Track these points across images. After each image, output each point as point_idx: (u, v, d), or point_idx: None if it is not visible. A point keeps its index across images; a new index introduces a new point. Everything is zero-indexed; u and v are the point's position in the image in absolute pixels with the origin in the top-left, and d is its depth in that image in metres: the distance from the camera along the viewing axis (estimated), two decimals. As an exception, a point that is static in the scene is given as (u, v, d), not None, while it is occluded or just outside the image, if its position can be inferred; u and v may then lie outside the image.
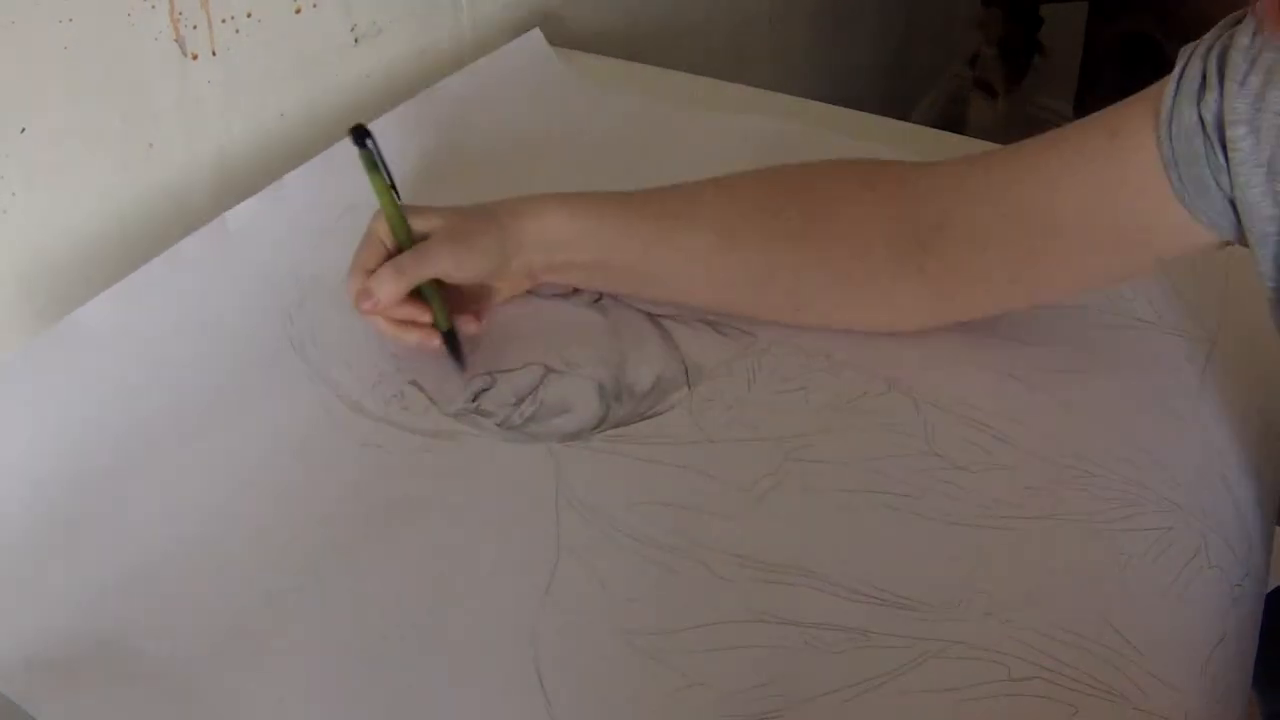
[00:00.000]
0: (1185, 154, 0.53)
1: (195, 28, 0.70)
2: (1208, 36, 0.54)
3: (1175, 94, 0.54)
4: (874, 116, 0.92)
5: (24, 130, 0.63)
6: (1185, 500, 0.58)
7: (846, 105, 0.94)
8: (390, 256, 0.65)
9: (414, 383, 0.65)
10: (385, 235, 0.65)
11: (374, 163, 0.67)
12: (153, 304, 0.66)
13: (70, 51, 0.64)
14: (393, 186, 0.67)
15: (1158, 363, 0.67)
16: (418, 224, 0.66)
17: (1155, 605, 0.54)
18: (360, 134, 0.67)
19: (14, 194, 0.63)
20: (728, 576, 0.55)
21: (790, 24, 1.59)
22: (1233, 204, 0.53)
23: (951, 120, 2.21)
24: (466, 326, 0.66)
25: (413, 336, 0.65)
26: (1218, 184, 0.53)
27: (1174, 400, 0.64)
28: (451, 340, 0.65)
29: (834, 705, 0.50)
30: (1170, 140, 0.54)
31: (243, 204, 0.72)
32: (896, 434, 0.62)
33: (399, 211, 0.65)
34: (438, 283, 0.65)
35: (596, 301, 0.71)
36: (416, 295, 0.65)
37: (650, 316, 0.70)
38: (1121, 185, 0.56)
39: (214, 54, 0.72)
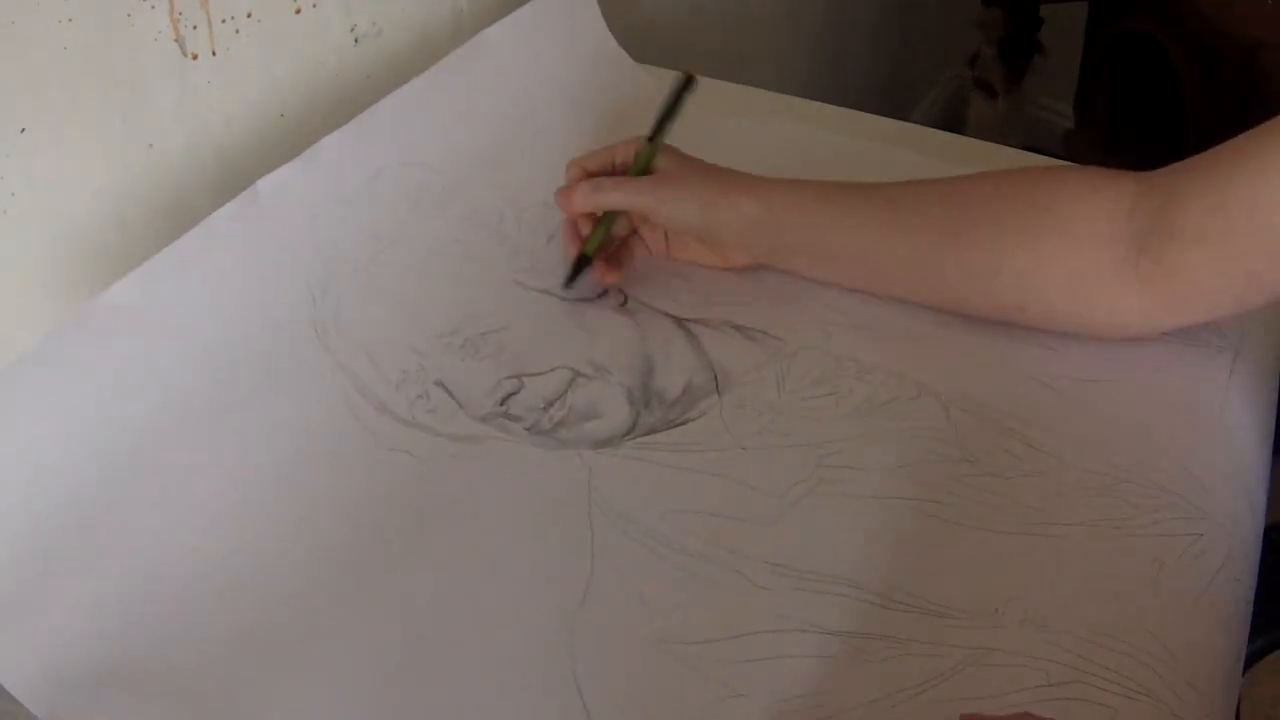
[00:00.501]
0: None
1: (195, 28, 0.70)
2: None
3: None
4: (874, 116, 0.92)
5: (24, 130, 0.62)
6: (1214, 509, 0.59)
7: (846, 105, 0.94)
8: (611, 168, 0.72)
9: (439, 383, 0.65)
10: (621, 151, 0.72)
11: (673, 109, 0.73)
12: (183, 281, 0.65)
13: (70, 51, 0.63)
14: (660, 129, 0.73)
15: (1184, 371, 0.67)
16: (658, 160, 0.71)
17: (1188, 611, 0.54)
18: (688, 81, 0.75)
19: (14, 194, 0.63)
20: (765, 585, 0.55)
21: (790, 24, 1.59)
22: None
23: (951, 120, 2.21)
24: (602, 273, 0.70)
25: (571, 239, 0.72)
26: None
27: (1201, 409, 0.65)
28: (580, 264, 0.70)
29: (875, 714, 0.50)
30: None
31: (277, 171, 0.70)
32: (928, 440, 0.62)
33: (653, 147, 0.71)
34: (629, 222, 0.72)
35: (623, 305, 0.71)
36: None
37: (677, 321, 0.70)
38: None
39: (214, 54, 0.72)
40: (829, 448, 0.62)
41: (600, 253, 0.71)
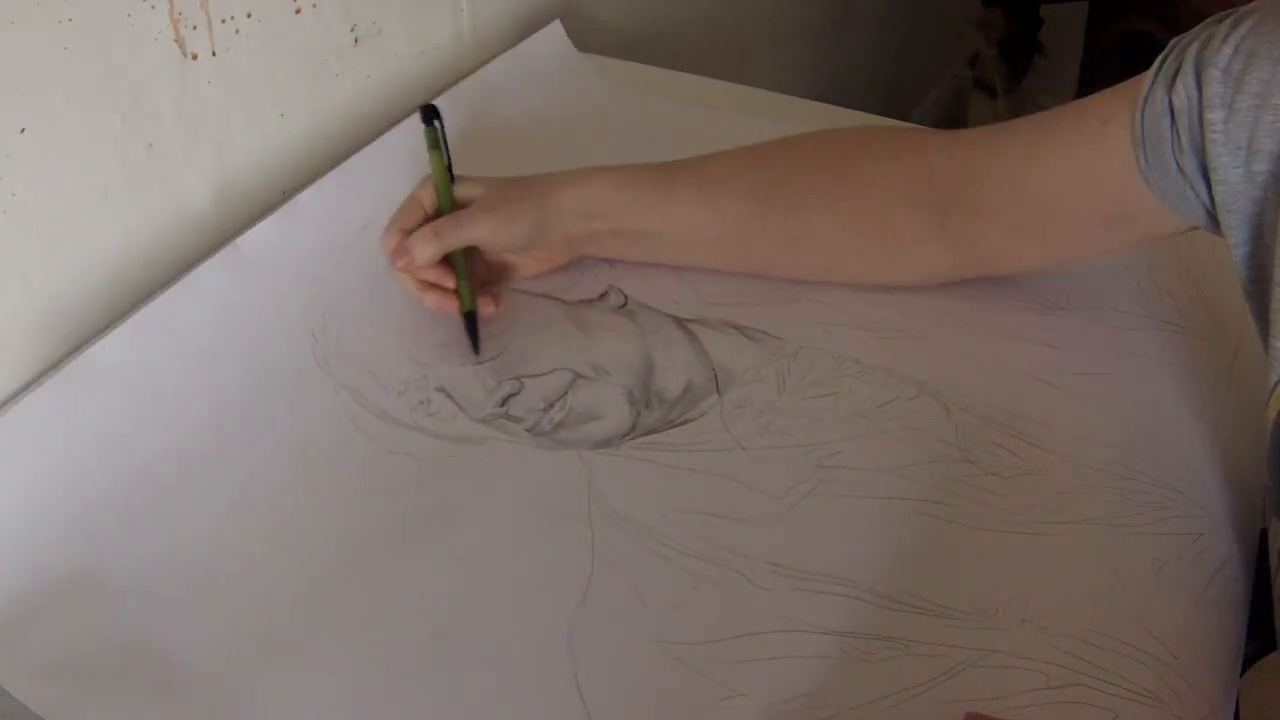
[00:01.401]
0: (1152, 133, 0.56)
1: (195, 28, 0.70)
2: (1195, 30, 0.56)
3: (1154, 79, 0.57)
4: (874, 117, 0.92)
5: (24, 130, 0.62)
6: (1215, 508, 0.59)
7: (846, 105, 0.94)
8: (427, 220, 0.69)
9: (441, 389, 0.65)
10: (427, 199, 0.69)
11: (436, 141, 0.70)
12: (169, 335, 0.66)
13: (70, 51, 0.63)
14: (448, 164, 0.70)
15: (1186, 367, 0.67)
16: (461, 191, 0.69)
17: (1189, 611, 0.54)
18: (430, 113, 0.71)
19: (14, 194, 0.63)
20: (765, 585, 0.55)
21: (791, 24, 1.59)
22: (1193, 195, 0.56)
23: (951, 120, 2.21)
24: (484, 308, 0.69)
25: (433, 298, 0.68)
26: (1179, 167, 0.56)
27: (1202, 405, 0.65)
28: (471, 322, 0.67)
29: (875, 714, 0.50)
30: (1143, 121, 0.56)
31: (255, 227, 0.72)
32: (928, 440, 0.62)
33: (447, 180, 0.69)
34: (470, 257, 0.69)
35: (623, 306, 0.71)
36: (447, 264, 0.68)
37: (678, 321, 0.70)
38: (1103, 172, 0.59)
39: (214, 54, 0.72)
40: (829, 448, 0.62)
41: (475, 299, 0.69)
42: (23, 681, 0.50)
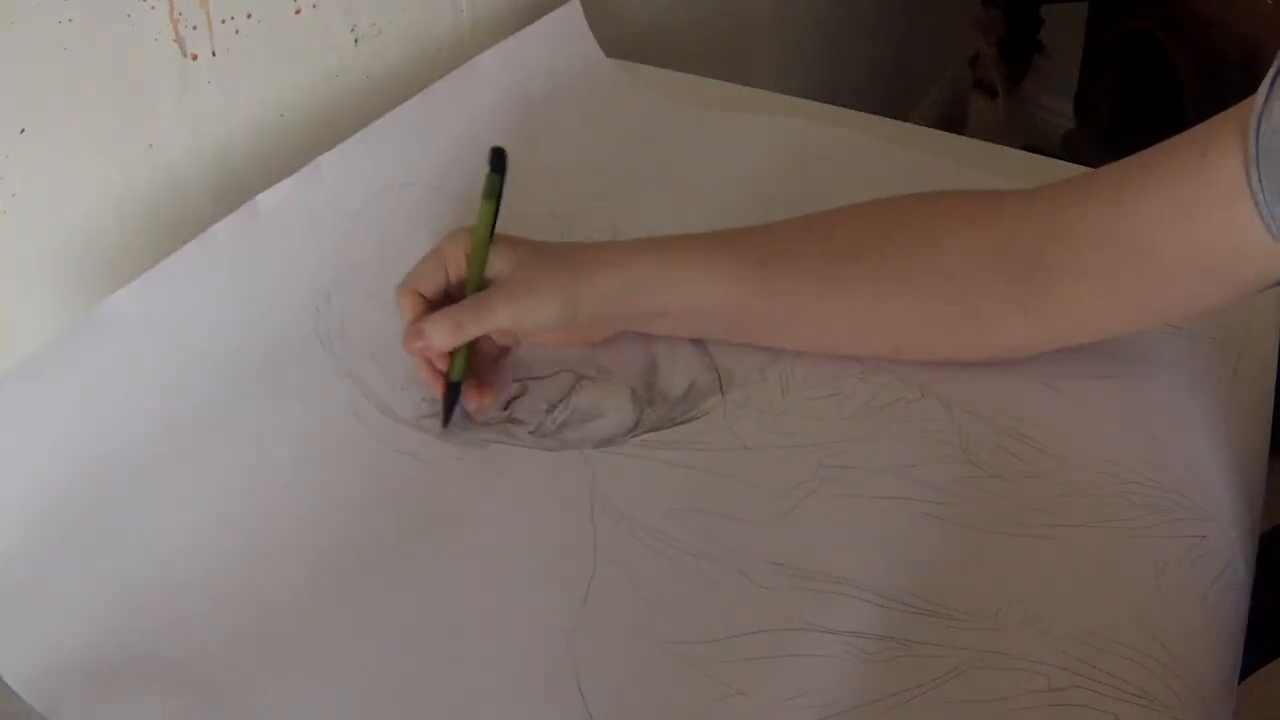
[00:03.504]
0: (1269, 151, 0.52)
1: (195, 28, 0.70)
2: None
3: (1270, 90, 0.52)
4: (874, 116, 0.92)
5: (24, 130, 0.62)
6: (1217, 511, 0.58)
7: (846, 105, 0.94)
8: (446, 283, 0.64)
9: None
10: (451, 263, 0.64)
11: (496, 191, 0.65)
12: (183, 292, 0.65)
13: (70, 51, 0.63)
14: (494, 222, 0.64)
15: (1189, 369, 0.67)
16: (497, 263, 0.63)
17: (1190, 614, 0.54)
18: (499, 158, 0.66)
19: (14, 194, 0.63)
20: (766, 585, 0.55)
21: (790, 24, 1.59)
22: None
23: (951, 120, 2.21)
24: (473, 398, 0.63)
25: (426, 373, 0.64)
26: None
27: (1206, 408, 0.64)
28: (452, 394, 0.63)
29: (876, 715, 0.50)
30: (1257, 138, 0.52)
31: (277, 185, 0.70)
32: (931, 441, 0.62)
33: (485, 251, 0.63)
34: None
35: None
36: None
37: None
38: (1213, 206, 0.54)
39: (214, 54, 0.72)
40: (832, 448, 0.62)
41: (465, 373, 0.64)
42: (25, 678, 0.50)
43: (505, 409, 0.64)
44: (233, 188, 0.77)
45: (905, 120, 0.94)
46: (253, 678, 0.51)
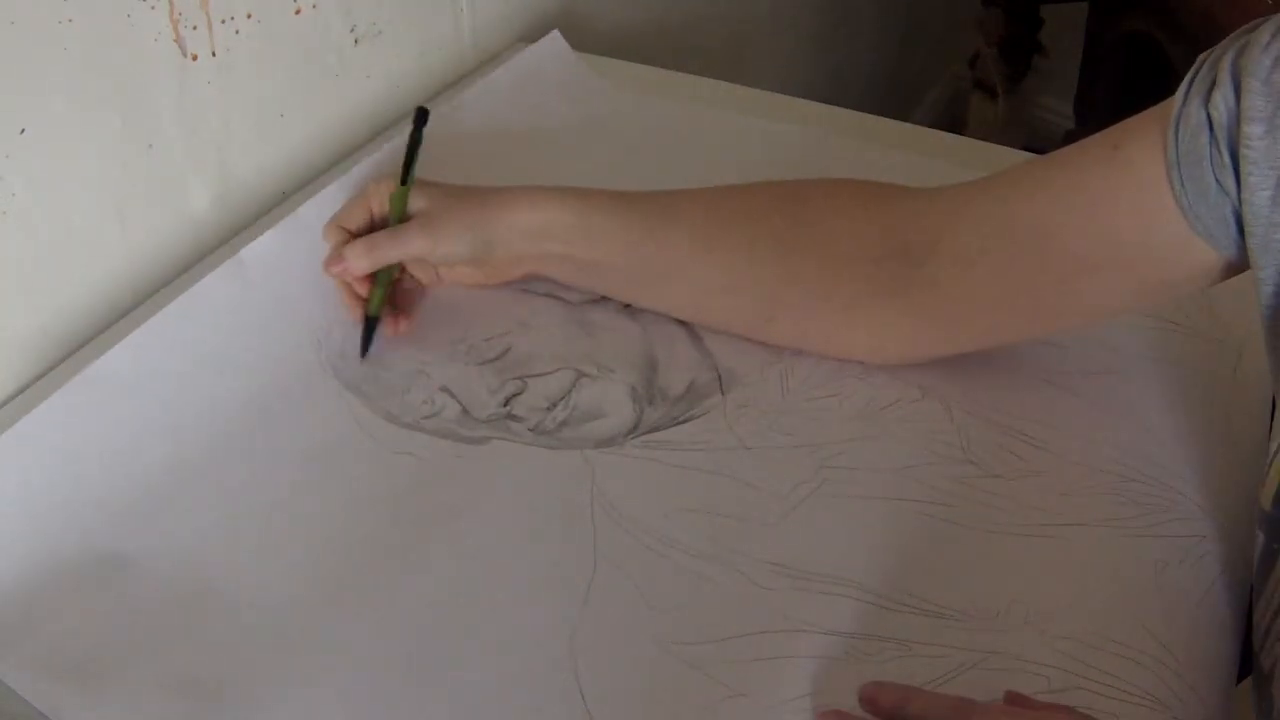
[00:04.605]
0: (1190, 152, 0.52)
1: (195, 28, 0.70)
2: (1224, 42, 0.52)
3: (1187, 93, 0.52)
4: (874, 116, 0.92)
5: (24, 130, 0.62)
6: (1217, 510, 0.58)
7: (846, 105, 0.94)
8: (370, 220, 0.68)
9: (445, 389, 0.65)
10: (375, 201, 0.68)
11: (414, 142, 0.71)
12: (174, 346, 0.66)
13: (70, 51, 0.63)
14: (408, 168, 0.70)
15: (1190, 368, 0.67)
16: (414, 200, 0.68)
17: (1190, 614, 0.54)
18: (421, 116, 0.72)
19: (14, 194, 0.63)
20: (767, 585, 0.55)
21: (790, 24, 1.59)
22: (1235, 215, 0.51)
23: (951, 120, 2.20)
24: (390, 325, 0.68)
25: (348, 299, 0.68)
26: (1219, 184, 0.51)
27: (1206, 407, 0.64)
28: (369, 327, 0.67)
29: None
30: (1177, 139, 0.52)
31: (259, 239, 0.71)
32: (931, 441, 0.62)
33: (405, 190, 0.68)
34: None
35: (626, 307, 0.71)
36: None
37: (681, 321, 0.70)
38: (1121, 195, 0.54)
39: (214, 55, 0.72)
40: (832, 448, 0.62)
41: (383, 306, 0.68)
42: (29, 680, 0.50)
43: (505, 406, 0.64)
44: (232, 189, 0.77)
45: (905, 120, 0.94)
46: (253, 678, 0.51)
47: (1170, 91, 0.54)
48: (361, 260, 0.66)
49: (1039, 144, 1.01)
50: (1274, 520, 0.50)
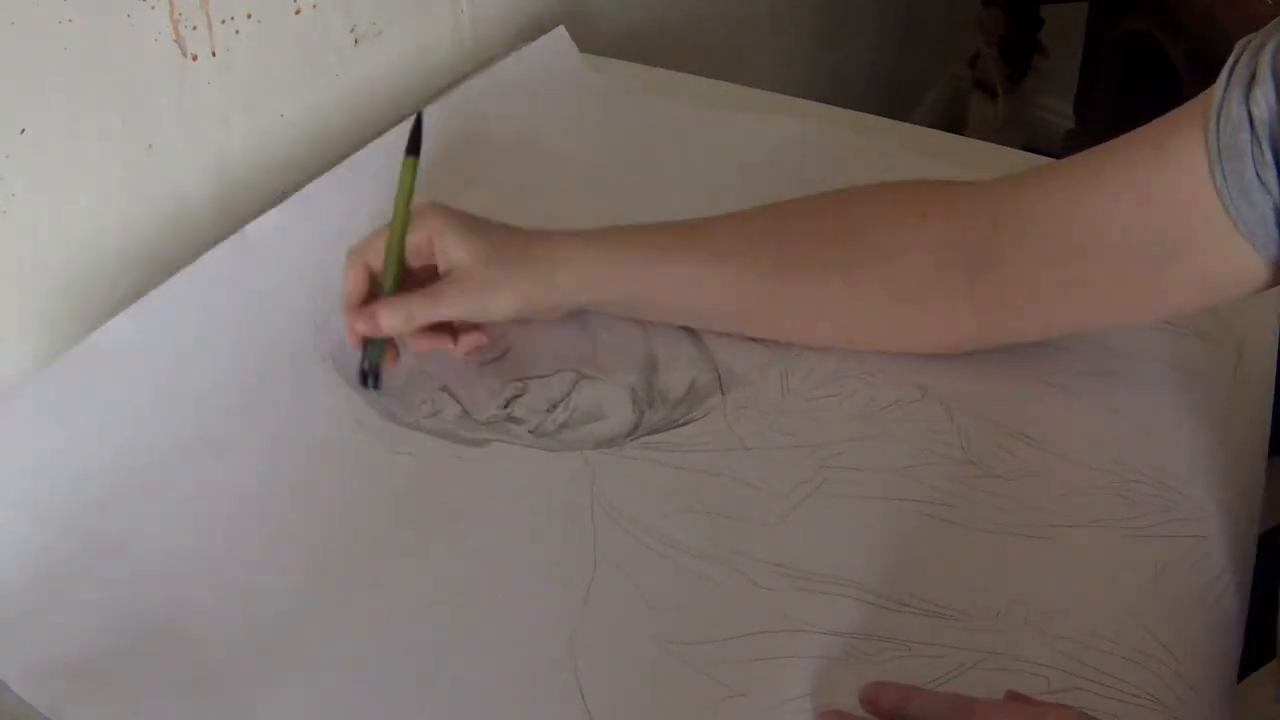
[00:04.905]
0: (1231, 148, 0.51)
1: (195, 28, 0.70)
2: (1266, 29, 0.52)
3: (1226, 85, 0.52)
4: (874, 116, 0.92)
5: (24, 130, 0.62)
6: (1217, 510, 0.58)
7: (846, 105, 0.94)
8: (374, 281, 0.64)
9: (445, 389, 0.65)
10: (375, 259, 0.64)
11: (410, 181, 0.65)
12: (175, 321, 0.66)
13: (70, 51, 0.63)
14: (405, 223, 0.64)
15: (1189, 368, 0.67)
16: (454, 253, 0.63)
17: (1190, 614, 0.54)
18: (416, 140, 0.67)
19: (14, 195, 0.63)
20: (767, 586, 0.55)
21: (790, 24, 1.59)
22: (1275, 212, 0.51)
23: (951, 120, 2.20)
24: (391, 358, 0.65)
25: (354, 339, 0.64)
26: (1261, 181, 0.51)
27: (1205, 407, 0.64)
28: (375, 377, 0.64)
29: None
30: (1218, 134, 0.52)
31: (265, 215, 0.71)
32: (931, 441, 0.62)
33: (401, 245, 0.63)
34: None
35: None
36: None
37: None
38: (1165, 193, 0.54)
39: (214, 55, 0.72)
40: (832, 448, 0.62)
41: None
42: (25, 678, 0.50)
43: (505, 407, 0.64)
44: (232, 188, 0.77)
45: (905, 120, 0.94)
46: (253, 678, 0.51)
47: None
48: (398, 328, 0.63)
49: (1039, 144, 1.02)
50: None
